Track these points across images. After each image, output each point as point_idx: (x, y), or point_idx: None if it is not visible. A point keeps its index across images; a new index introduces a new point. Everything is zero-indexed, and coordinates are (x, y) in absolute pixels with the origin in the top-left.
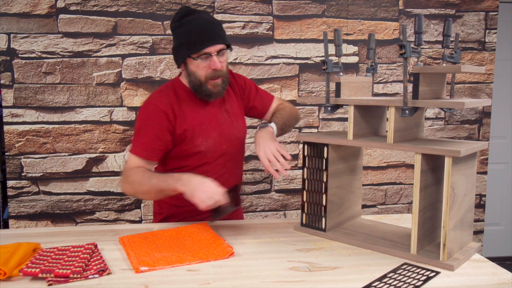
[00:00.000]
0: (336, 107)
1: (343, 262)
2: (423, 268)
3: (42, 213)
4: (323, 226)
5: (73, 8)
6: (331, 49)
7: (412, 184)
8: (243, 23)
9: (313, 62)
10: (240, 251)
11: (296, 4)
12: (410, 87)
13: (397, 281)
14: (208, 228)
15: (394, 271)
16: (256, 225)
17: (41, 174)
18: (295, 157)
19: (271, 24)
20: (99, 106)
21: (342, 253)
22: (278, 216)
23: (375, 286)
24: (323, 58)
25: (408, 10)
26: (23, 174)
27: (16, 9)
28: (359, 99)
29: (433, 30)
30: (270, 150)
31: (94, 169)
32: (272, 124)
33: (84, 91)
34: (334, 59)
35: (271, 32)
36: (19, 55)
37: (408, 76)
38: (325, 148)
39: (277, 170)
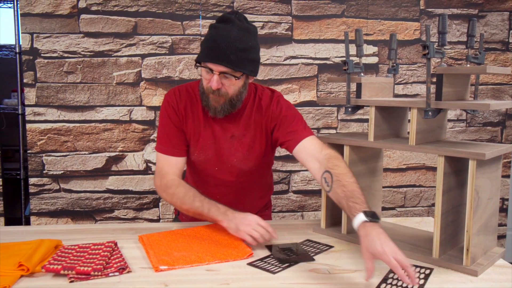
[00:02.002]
0: (356, 108)
1: (364, 265)
2: (417, 266)
3: (62, 211)
4: (343, 228)
5: (94, 8)
6: (352, 49)
7: (433, 186)
8: (262, 23)
9: (332, 62)
10: (259, 252)
11: (316, 4)
12: (432, 88)
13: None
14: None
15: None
16: (274, 225)
17: (62, 172)
18: None
19: (290, 24)
20: (118, 105)
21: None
22: (296, 217)
23: None
24: (343, 59)
25: (430, 10)
26: (44, 171)
27: (39, 9)
28: (380, 100)
29: (455, 30)
30: (398, 253)
31: (114, 168)
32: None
33: (104, 90)
34: (355, 59)
35: (290, 32)
36: (42, 55)
37: (431, 77)
38: (345, 149)
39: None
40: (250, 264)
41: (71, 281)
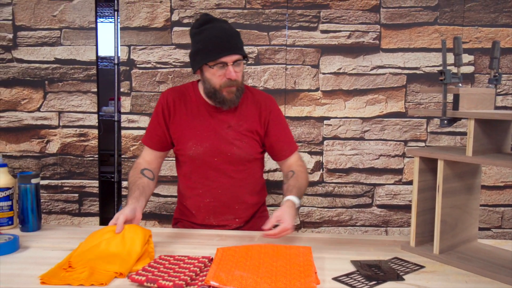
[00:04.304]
0: (453, 120)
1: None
2: None
3: (150, 213)
4: (435, 248)
5: (185, 21)
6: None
7: None
8: (349, 32)
9: (422, 72)
10: (345, 267)
11: (406, 12)
12: None
13: None
14: (309, 254)
15: None
16: (358, 240)
17: None
18: (399, 171)
19: (378, 33)
20: None
21: (457, 279)
22: (379, 233)
23: None
24: (437, 68)
25: None
26: None
27: (137, 23)
28: (481, 112)
29: None
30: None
31: None
32: (296, 200)
33: None
34: (451, 68)
35: (377, 41)
36: (137, 65)
37: None
38: (440, 164)
39: None
40: (335, 279)
41: None
